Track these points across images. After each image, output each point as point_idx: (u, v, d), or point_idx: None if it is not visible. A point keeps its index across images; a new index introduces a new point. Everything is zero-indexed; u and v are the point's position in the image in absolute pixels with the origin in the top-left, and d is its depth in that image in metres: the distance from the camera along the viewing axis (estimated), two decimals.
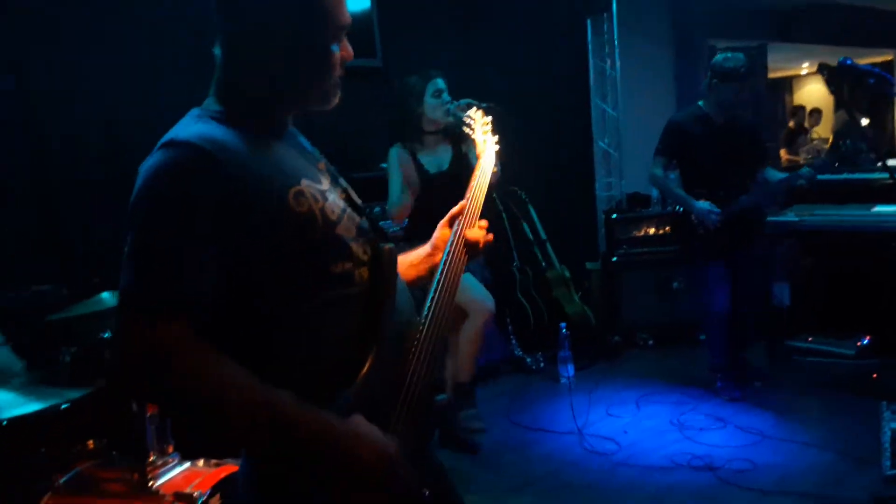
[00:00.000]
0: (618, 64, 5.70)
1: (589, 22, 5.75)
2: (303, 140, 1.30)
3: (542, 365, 4.97)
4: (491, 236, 1.48)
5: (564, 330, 4.65)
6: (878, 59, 9.80)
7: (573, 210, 5.72)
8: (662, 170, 4.06)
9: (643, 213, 5.41)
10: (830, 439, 3.44)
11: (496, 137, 1.71)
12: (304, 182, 1.16)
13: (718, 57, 3.96)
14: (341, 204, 1.22)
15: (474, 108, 1.77)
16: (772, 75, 9.54)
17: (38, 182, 3.22)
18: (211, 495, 1.91)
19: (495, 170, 1.65)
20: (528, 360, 4.98)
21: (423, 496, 1.17)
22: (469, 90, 3.40)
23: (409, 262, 1.46)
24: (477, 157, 1.64)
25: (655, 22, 6.27)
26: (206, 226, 1.03)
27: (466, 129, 1.74)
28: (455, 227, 1.45)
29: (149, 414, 2.00)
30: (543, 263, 5.22)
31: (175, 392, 0.98)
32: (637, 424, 3.89)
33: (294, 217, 1.11)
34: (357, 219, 1.24)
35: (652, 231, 5.27)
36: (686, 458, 3.36)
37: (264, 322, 1.11)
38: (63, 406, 2.21)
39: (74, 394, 1.88)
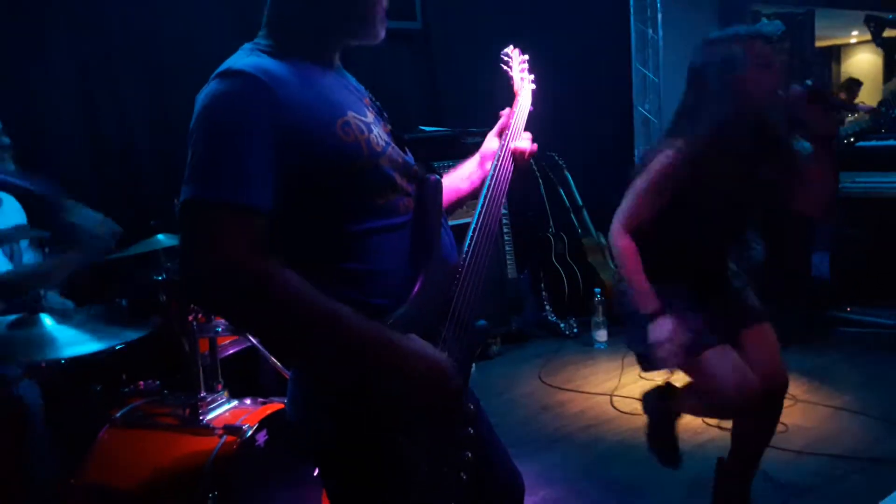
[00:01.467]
0: (660, 28, 5.62)
1: None
2: (349, 77, 1.35)
3: (575, 330, 5.01)
4: (535, 147, 1.54)
5: (599, 296, 4.69)
6: None
7: (610, 176, 5.66)
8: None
9: None
10: (866, 404, 3.43)
11: (532, 76, 1.75)
12: (351, 113, 1.21)
13: (757, 25, 3.85)
14: (385, 137, 1.27)
15: (511, 47, 1.81)
16: (819, 43, 9.27)
17: (94, 138, 3.35)
18: (258, 429, 2.01)
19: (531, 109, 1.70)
20: (562, 325, 5.02)
21: (469, 411, 1.23)
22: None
23: (461, 175, 1.56)
24: (514, 94, 1.70)
25: None
26: (263, 146, 1.09)
27: (503, 66, 1.78)
28: (502, 140, 1.53)
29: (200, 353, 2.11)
30: (579, 230, 5.23)
31: (243, 296, 1.03)
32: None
33: (341, 146, 1.17)
34: (401, 152, 1.29)
35: None
36: (717, 420, 3.38)
37: (317, 246, 1.17)
38: (118, 346, 2.34)
39: (131, 334, 1.98)
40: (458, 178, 1.57)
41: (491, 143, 1.59)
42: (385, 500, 1.19)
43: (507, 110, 1.62)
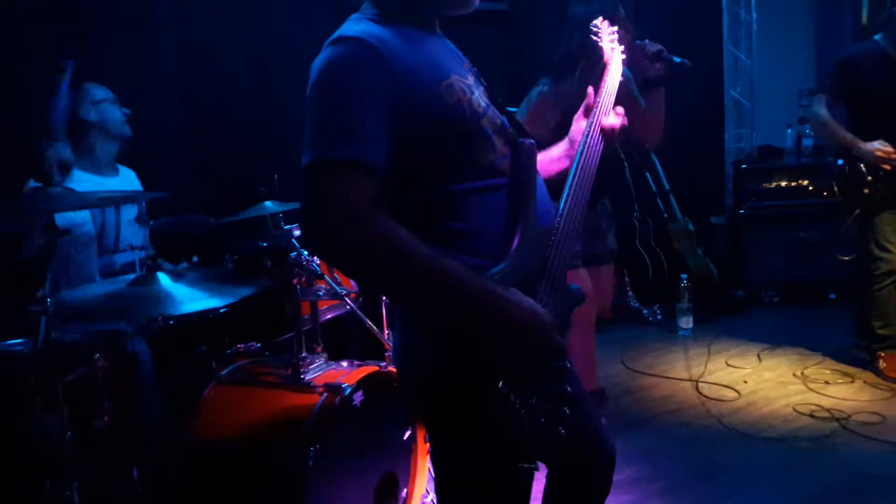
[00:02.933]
0: (753, 10, 5.44)
1: None
2: (448, 42, 1.40)
3: (658, 317, 4.94)
4: (626, 121, 1.55)
5: (685, 282, 4.60)
6: None
7: (699, 161, 5.55)
8: (826, 109, 3.63)
9: (776, 164, 5.18)
10: None
11: (622, 47, 1.75)
12: (454, 76, 1.26)
13: None
14: (485, 99, 1.32)
15: (600, 18, 1.81)
16: None
17: (198, 111, 3.52)
18: (356, 388, 2.09)
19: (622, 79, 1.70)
20: (645, 311, 4.96)
21: (567, 368, 1.26)
22: None
23: (550, 156, 1.59)
24: (605, 64, 1.70)
25: None
26: (378, 106, 1.15)
27: (594, 38, 1.78)
28: (591, 116, 1.55)
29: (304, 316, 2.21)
30: (666, 215, 5.14)
31: (364, 245, 1.10)
32: (758, 375, 3.82)
33: (445, 107, 1.22)
34: (499, 114, 1.33)
35: (784, 184, 5.06)
36: (809, 409, 3.29)
37: (420, 204, 1.23)
38: (222, 309, 2.47)
39: (239, 293, 2.09)
40: (547, 160, 1.59)
41: (580, 123, 1.60)
42: (485, 447, 1.23)
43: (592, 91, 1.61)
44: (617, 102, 1.61)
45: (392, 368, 2.27)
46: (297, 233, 2.28)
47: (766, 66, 5.59)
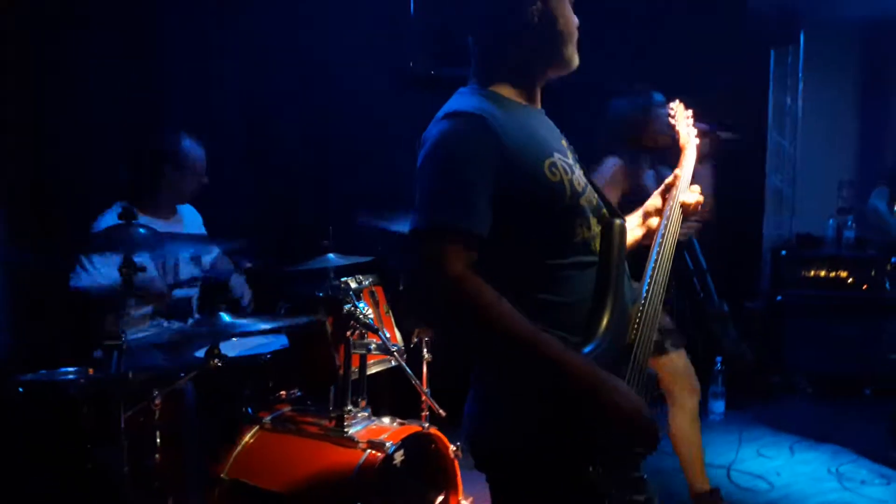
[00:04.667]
0: (800, 98, 5.51)
1: (773, 53, 5.60)
2: (548, 119, 1.45)
3: None
4: (703, 199, 1.60)
5: (719, 365, 4.55)
6: None
7: (736, 244, 5.53)
8: (887, 203, 3.78)
9: (816, 253, 5.15)
10: None
11: (696, 131, 1.80)
12: (556, 155, 1.31)
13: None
14: (584, 178, 1.36)
15: (677, 101, 1.87)
16: None
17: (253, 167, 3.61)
18: (398, 448, 2.09)
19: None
20: None
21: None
22: None
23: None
24: (681, 149, 1.76)
25: (843, 55, 5.97)
26: (486, 181, 1.21)
27: (670, 119, 1.83)
28: (671, 193, 1.60)
29: (352, 368, 2.22)
30: (702, 294, 5.10)
31: (464, 308, 1.14)
32: (791, 468, 3.73)
33: (548, 185, 1.27)
34: (595, 194, 1.37)
35: (823, 273, 5.02)
36: None
37: (516, 274, 1.26)
38: (268, 355, 2.50)
39: (293, 338, 2.10)
40: None
41: (655, 199, 1.65)
42: None
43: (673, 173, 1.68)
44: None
45: (434, 430, 2.27)
46: (353, 285, 2.31)
47: (810, 155, 5.63)
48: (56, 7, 2.96)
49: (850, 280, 4.90)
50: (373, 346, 2.26)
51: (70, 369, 2.11)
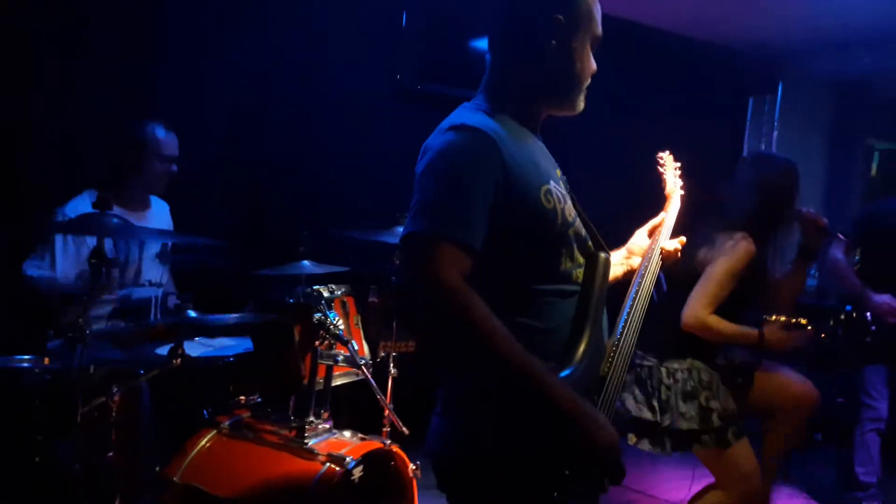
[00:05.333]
0: (773, 145, 5.66)
1: (751, 101, 5.74)
2: (544, 146, 1.46)
3: None
4: (682, 246, 1.63)
5: None
6: None
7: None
8: (843, 254, 3.75)
9: None
10: None
11: (682, 182, 1.85)
12: (552, 182, 1.32)
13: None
14: (574, 210, 1.36)
15: (667, 151, 1.91)
16: None
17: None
18: (358, 464, 2.06)
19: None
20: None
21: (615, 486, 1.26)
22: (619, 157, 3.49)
23: None
24: (666, 197, 1.80)
25: (816, 110, 6.16)
26: (485, 196, 1.21)
27: (658, 168, 1.87)
28: (653, 239, 1.63)
29: (317, 378, 2.19)
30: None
31: (455, 314, 1.14)
32: None
33: (542, 211, 1.28)
34: (583, 226, 1.38)
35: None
36: None
37: (500, 295, 1.25)
38: (231, 358, 2.45)
39: (259, 343, 2.07)
40: None
41: (638, 238, 1.69)
42: None
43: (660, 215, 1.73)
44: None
45: (395, 447, 2.24)
46: (325, 294, 2.29)
47: None
48: None
49: (809, 327, 5.00)
50: (340, 357, 2.23)
51: (25, 357, 2.04)
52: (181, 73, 3.19)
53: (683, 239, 1.67)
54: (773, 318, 2.63)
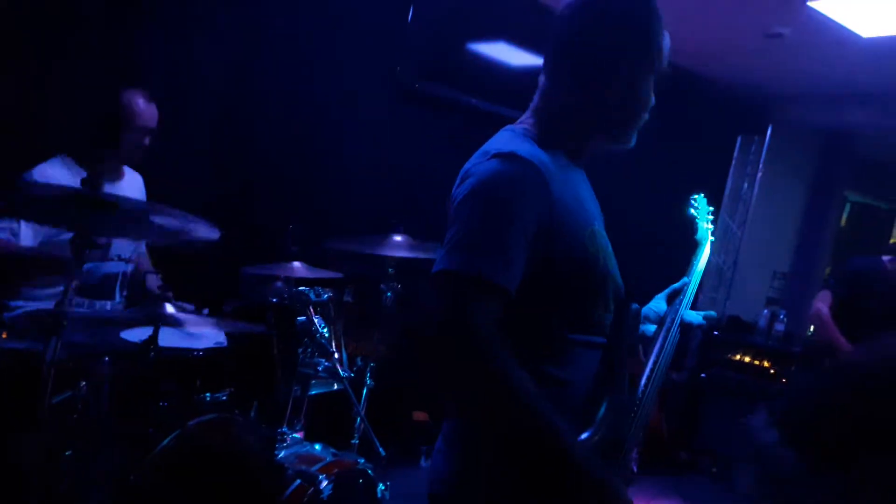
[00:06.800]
0: (756, 186, 5.69)
1: (739, 139, 5.77)
2: (588, 181, 1.36)
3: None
4: (704, 324, 1.52)
5: None
6: None
7: None
8: (828, 307, 3.92)
9: (746, 339, 5.31)
10: None
11: (713, 228, 1.77)
12: (597, 225, 1.23)
13: None
14: (613, 258, 1.27)
15: (701, 194, 1.84)
16: None
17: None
18: (329, 483, 1.95)
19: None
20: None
21: None
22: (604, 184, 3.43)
23: None
24: (697, 242, 1.71)
25: (801, 155, 6.25)
26: (525, 235, 1.10)
27: (691, 211, 1.79)
28: (674, 306, 1.49)
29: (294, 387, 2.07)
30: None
31: (482, 371, 1.02)
32: None
33: (584, 256, 1.18)
34: (619, 275, 1.29)
35: (748, 359, 5.16)
36: None
37: (528, 341, 1.16)
38: (199, 353, 2.31)
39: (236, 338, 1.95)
40: None
41: (658, 303, 1.53)
42: None
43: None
44: None
45: (366, 468, 2.14)
46: (312, 297, 2.17)
47: (753, 242, 5.81)
48: None
49: (772, 371, 5.05)
50: (321, 366, 2.12)
51: None
52: (172, 69, 3.03)
53: (713, 316, 1.55)
54: None
